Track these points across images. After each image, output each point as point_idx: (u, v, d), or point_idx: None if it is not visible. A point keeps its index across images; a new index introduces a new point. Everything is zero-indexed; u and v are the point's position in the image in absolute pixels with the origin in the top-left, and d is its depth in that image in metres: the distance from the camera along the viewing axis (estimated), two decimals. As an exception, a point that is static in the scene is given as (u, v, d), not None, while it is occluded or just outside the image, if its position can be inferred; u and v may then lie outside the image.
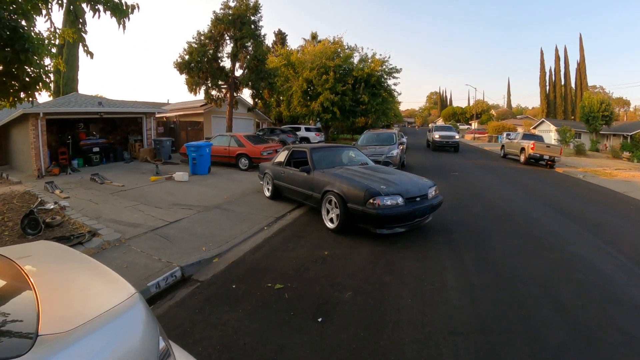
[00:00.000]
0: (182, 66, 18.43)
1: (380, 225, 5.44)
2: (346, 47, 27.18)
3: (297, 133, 23.88)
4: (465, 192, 10.19)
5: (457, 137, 24.92)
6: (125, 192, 8.88)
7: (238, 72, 20.03)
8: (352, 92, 25.72)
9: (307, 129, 25.61)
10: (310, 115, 26.03)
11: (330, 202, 6.11)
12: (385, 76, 27.30)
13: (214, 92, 19.59)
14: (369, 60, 27.06)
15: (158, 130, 17.95)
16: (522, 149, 19.25)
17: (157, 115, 18.66)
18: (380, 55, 27.65)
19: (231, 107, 20.05)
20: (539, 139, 20.28)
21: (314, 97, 25.54)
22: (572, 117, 48.96)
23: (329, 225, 6.11)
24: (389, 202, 5.34)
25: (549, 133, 34.85)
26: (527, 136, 20.72)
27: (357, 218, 5.62)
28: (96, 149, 14.56)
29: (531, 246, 5.68)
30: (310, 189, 6.68)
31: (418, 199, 5.71)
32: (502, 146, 23.46)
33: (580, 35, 51.41)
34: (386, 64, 26.98)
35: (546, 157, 18.13)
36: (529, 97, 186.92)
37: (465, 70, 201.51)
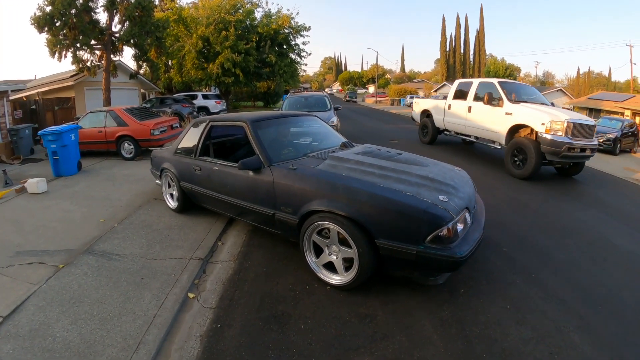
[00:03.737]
0: (42, 21, 12.82)
1: (444, 270, 2.92)
2: (247, 0, 23.03)
3: (194, 102, 19.67)
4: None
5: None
6: None
7: (117, 28, 15.20)
8: (257, 52, 22.01)
9: (205, 97, 21.38)
10: (208, 79, 21.63)
11: (324, 234, 3.16)
12: (293, 34, 24.05)
13: (85, 55, 14.54)
14: (275, 17, 23.44)
15: (15, 116, 12.39)
16: None
17: (14, 97, 13.02)
18: (288, 10, 24.12)
19: (108, 73, 15.14)
20: None
21: (211, 58, 21.19)
22: None
23: (330, 278, 3.16)
24: (460, 228, 2.79)
25: (437, 95, 35.96)
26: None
27: (394, 262, 2.85)
28: None
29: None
30: (265, 203, 3.51)
31: (475, 207, 3.40)
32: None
33: (482, 5, 55.28)
34: (294, 19, 23.72)
35: None
36: (422, 61, 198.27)
37: (359, 36, 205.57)
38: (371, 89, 66.42)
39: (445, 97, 10.56)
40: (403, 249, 2.66)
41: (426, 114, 11.49)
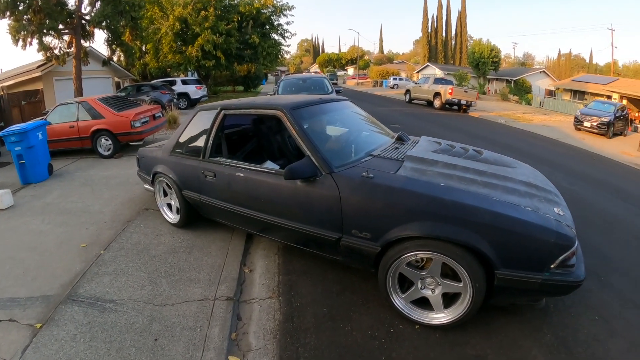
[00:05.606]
0: (3, 5, 11.34)
1: (561, 294, 2.64)
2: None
3: (173, 88, 18.27)
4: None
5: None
6: None
7: (87, 10, 13.81)
8: (239, 33, 20.54)
9: (185, 82, 19.94)
10: (187, 63, 20.10)
11: (413, 263, 2.43)
12: (276, 13, 22.61)
13: (53, 42, 13.10)
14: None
15: (-23, 115, 10.98)
16: (437, 94, 18.27)
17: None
18: (271, -13, 22.41)
19: (79, 60, 13.74)
20: (450, 83, 19.83)
21: (190, 41, 19.64)
22: (452, 62, 52.24)
23: (430, 319, 2.47)
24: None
25: (434, 77, 35.90)
26: (438, 81, 19.86)
27: (508, 293, 2.31)
28: None
29: None
30: (325, 225, 2.60)
31: None
32: (407, 91, 22.50)
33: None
34: (277, -2, 22.24)
35: (463, 102, 17.54)
36: (401, 43, 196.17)
37: (336, 17, 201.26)
38: (350, 70, 65.22)
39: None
40: (525, 279, 2.15)
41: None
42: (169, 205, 4.14)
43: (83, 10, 13.94)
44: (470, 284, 2.22)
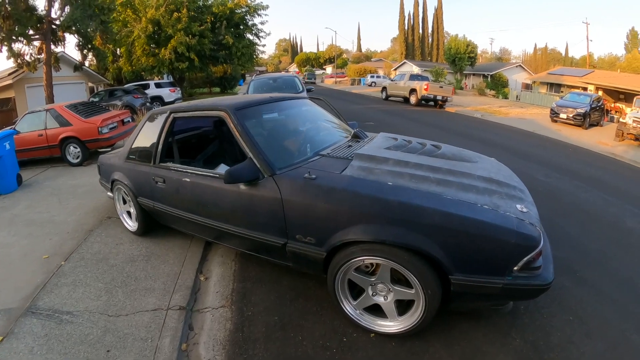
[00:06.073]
0: None
1: (526, 299, 2.55)
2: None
3: (147, 92, 17.95)
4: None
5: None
6: None
7: (57, 14, 13.52)
8: (212, 34, 20.26)
9: (158, 85, 19.60)
10: (161, 66, 19.73)
11: (363, 269, 2.33)
12: (250, 13, 22.38)
13: (23, 48, 12.97)
14: (230, -6, 21.64)
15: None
16: (413, 90, 18.42)
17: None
18: (244, -13, 22.12)
19: (49, 66, 13.50)
20: (425, 79, 19.98)
21: (163, 43, 19.30)
22: (429, 59, 52.82)
23: (382, 327, 2.36)
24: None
25: (410, 73, 36.27)
26: (414, 77, 19.99)
27: (467, 299, 2.18)
28: None
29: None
30: (269, 230, 2.53)
31: None
32: (384, 88, 22.68)
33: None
34: (250, -2, 22.02)
35: (439, 97, 17.75)
36: (379, 41, 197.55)
37: (314, 17, 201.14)
38: (329, 69, 65.37)
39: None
40: (485, 284, 1.99)
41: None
42: (129, 213, 4.06)
43: (53, 15, 13.73)
44: (422, 290, 2.08)
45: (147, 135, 3.55)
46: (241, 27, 22.37)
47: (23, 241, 4.07)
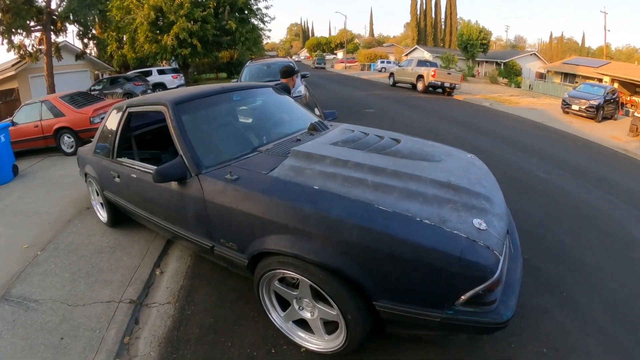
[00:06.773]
0: None
1: (477, 334, 2.14)
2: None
3: (148, 79, 17.94)
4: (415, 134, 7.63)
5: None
6: None
7: (55, 5, 13.68)
8: (216, 19, 20.05)
9: (161, 72, 19.59)
10: (164, 52, 19.65)
11: (289, 281, 2.13)
12: (254, -3, 22.13)
13: (25, 40, 13.21)
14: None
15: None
16: (420, 77, 17.83)
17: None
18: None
19: (49, 57, 13.67)
20: (434, 65, 19.33)
21: (165, 29, 19.22)
22: (442, 45, 51.64)
23: (308, 343, 2.15)
24: (503, 267, 1.73)
25: (418, 59, 35.68)
26: (422, 63, 19.36)
27: (401, 326, 1.87)
28: None
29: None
30: (198, 231, 2.41)
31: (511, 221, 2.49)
32: (391, 74, 22.03)
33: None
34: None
35: (447, 84, 17.13)
36: (391, 26, 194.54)
37: (326, 1, 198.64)
38: (340, 54, 64.59)
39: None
40: (419, 316, 1.68)
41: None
42: (101, 205, 4.04)
43: (52, 6, 13.87)
44: (341, 314, 1.83)
45: (108, 129, 3.48)
46: (245, 12, 22.12)
47: (9, 231, 4.15)
